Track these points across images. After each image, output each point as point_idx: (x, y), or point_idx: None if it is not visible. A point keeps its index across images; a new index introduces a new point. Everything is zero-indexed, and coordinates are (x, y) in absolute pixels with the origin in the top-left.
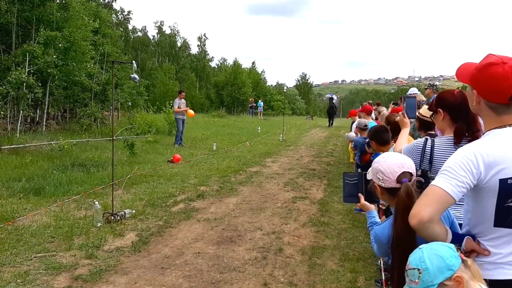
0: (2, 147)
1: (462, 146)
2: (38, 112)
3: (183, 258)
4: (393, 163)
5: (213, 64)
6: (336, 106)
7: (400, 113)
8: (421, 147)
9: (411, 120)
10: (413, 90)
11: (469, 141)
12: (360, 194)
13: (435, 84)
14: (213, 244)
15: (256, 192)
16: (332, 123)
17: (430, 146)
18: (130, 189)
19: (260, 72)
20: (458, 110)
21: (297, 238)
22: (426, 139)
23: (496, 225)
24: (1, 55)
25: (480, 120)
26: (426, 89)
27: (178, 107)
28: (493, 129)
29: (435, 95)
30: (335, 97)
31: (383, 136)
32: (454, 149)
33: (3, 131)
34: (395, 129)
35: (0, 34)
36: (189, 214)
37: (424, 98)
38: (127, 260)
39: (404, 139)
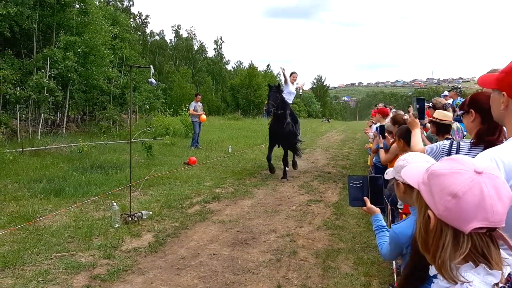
0: (24, 149)
1: (478, 147)
2: (58, 115)
3: (198, 259)
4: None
5: (229, 67)
6: (297, 119)
7: (411, 113)
8: (447, 150)
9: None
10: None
11: (485, 147)
12: (365, 198)
13: (458, 87)
14: (228, 246)
15: (271, 194)
16: (295, 163)
17: (455, 149)
18: (147, 191)
19: (275, 75)
20: (490, 114)
21: (311, 241)
22: (452, 141)
23: None
24: (23, 59)
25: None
26: (449, 91)
27: (194, 110)
28: None
29: (459, 97)
30: (287, 93)
31: None
32: (477, 151)
33: (25, 134)
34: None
35: (22, 39)
36: (204, 216)
37: (446, 101)
38: (143, 260)
39: (419, 138)
